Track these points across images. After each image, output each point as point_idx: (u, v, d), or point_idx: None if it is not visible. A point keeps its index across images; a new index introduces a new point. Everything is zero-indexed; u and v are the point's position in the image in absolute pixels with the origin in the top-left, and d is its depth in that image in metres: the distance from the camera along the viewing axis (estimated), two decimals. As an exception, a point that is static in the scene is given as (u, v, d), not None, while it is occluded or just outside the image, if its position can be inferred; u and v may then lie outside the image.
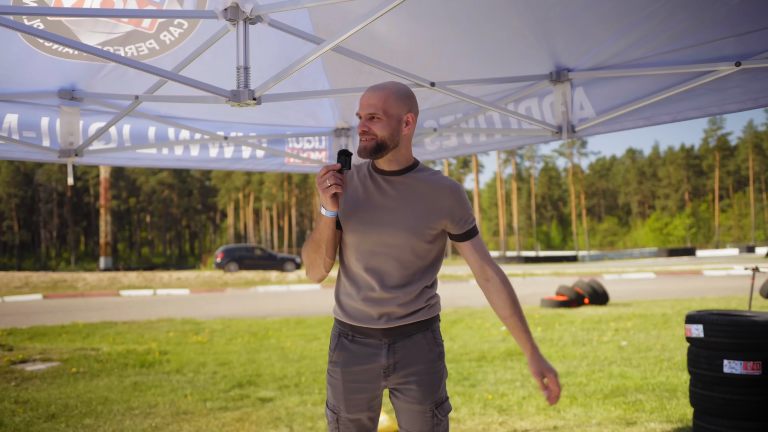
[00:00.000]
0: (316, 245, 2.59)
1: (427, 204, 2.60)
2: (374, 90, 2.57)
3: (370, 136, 2.52)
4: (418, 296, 2.62)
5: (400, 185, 2.62)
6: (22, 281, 29.84)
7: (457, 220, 2.63)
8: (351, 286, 2.65)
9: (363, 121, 2.53)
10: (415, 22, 3.84)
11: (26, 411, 6.52)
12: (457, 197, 2.63)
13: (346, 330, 2.69)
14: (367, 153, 2.53)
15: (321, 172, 2.43)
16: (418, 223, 2.57)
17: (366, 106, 2.53)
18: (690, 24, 3.29)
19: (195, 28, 3.77)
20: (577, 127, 4.15)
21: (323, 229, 2.56)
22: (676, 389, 6.91)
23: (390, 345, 2.62)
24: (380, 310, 2.59)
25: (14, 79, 4.01)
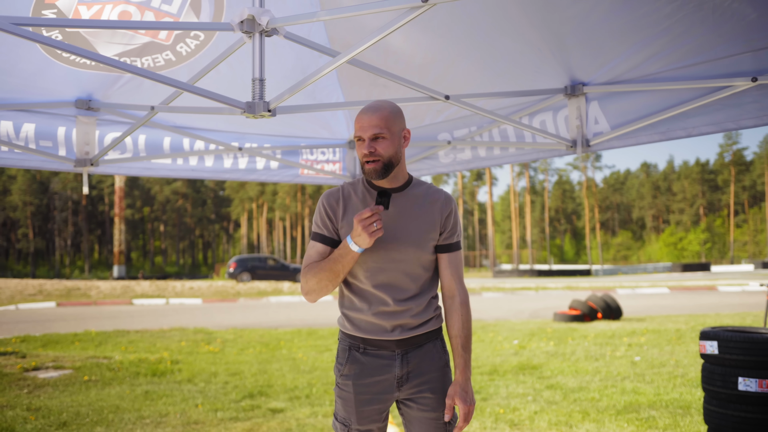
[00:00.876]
0: (335, 276, 2.60)
1: (426, 216, 2.69)
2: (373, 111, 2.59)
3: (376, 157, 2.56)
4: (427, 306, 2.71)
5: (400, 202, 2.68)
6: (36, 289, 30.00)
7: (445, 230, 2.72)
8: (361, 301, 2.69)
9: (367, 143, 2.55)
10: (429, 35, 3.85)
11: (38, 418, 6.54)
12: (450, 209, 2.74)
13: (357, 343, 2.71)
14: (377, 175, 2.58)
15: (366, 214, 2.45)
16: (421, 236, 2.66)
17: (369, 127, 2.56)
18: (706, 39, 3.28)
19: (211, 40, 3.80)
20: (592, 141, 4.14)
21: (348, 264, 2.57)
22: (690, 406, 6.85)
23: (403, 355, 2.68)
24: (394, 322, 2.65)
25: (32, 89, 4.05)
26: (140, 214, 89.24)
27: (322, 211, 2.74)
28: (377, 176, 2.58)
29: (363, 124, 2.57)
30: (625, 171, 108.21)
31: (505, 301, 24.80)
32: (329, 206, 2.72)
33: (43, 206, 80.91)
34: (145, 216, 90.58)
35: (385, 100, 2.66)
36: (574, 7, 3.28)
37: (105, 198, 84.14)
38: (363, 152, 2.57)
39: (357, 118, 2.61)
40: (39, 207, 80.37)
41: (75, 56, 3.66)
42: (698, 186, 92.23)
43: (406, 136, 2.68)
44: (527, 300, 25.38)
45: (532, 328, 14.62)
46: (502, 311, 19.88)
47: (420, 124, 4.93)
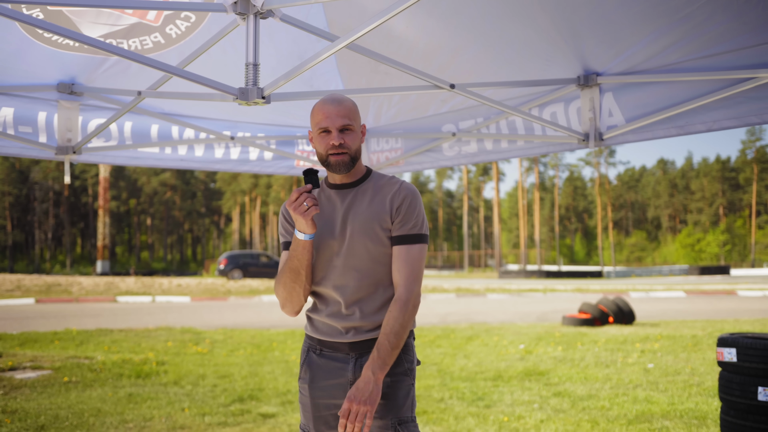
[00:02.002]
0: (295, 274, 2.66)
1: (377, 205, 2.69)
2: (338, 102, 2.65)
3: (344, 150, 2.62)
4: (383, 308, 2.68)
5: (354, 195, 2.73)
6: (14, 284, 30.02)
7: (399, 219, 2.68)
8: (319, 302, 2.77)
9: (336, 134, 2.59)
10: (434, 20, 3.84)
11: (14, 422, 6.55)
12: (403, 196, 2.70)
13: (314, 344, 2.81)
14: (345, 168, 2.64)
15: (293, 197, 2.51)
16: (367, 223, 2.66)
17: (337, 117, 2.61)
18: (730, 27, 3.27)
19: (203, 21, 3.79)
20: (606, 135, 4.13)
21: (302, 255, 2.62)
22: (706, 417, 6.85)
23: (357, 359, 2.70)
24: (346, 324, 2.68)
25: (11, 71, 4.04)
26: (126, 206, 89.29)
27: (283, 219, 2.84)
28: (344, 169, 2.64)
29: (329, 114, 2.61)
30: (641, 167, 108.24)
31: (511, 304, 24.82)
32: (288, 213, 2.81)
33: (23, 197, 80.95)
34: (131, 208, 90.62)
35: (340, 94, 2.75)
36: (588, -9, 3.28)
37: (88, 189, 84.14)
38: (331, 143, 2.61)
39: (318, 109, 2.65)
40: (18, 197, 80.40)
41: (57, 36, 3.65)
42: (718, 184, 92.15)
43: (364, 132, 2.77)
44: (534, 302, 25.39)
45: (540, 332, 14.63)
46: (507, 314, 19.90)
47: (423, 115, 4.93)
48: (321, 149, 2.65)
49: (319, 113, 2.63)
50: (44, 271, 66.73)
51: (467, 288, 34.71)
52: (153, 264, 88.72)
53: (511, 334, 14.42)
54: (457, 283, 41.20)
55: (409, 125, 5.07)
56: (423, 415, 6.88)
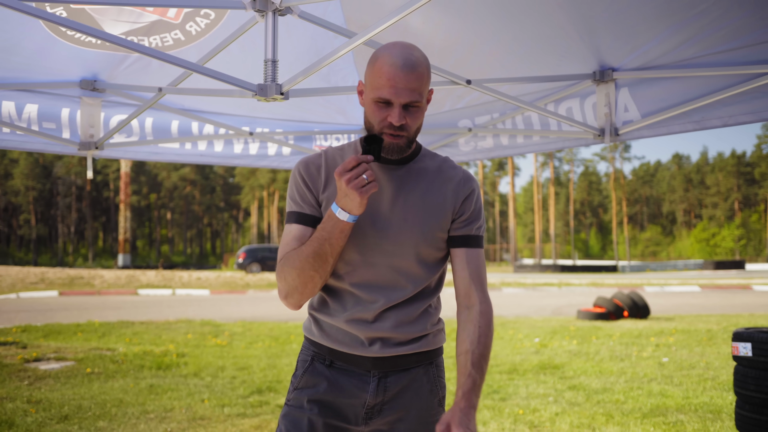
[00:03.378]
0: (321, 261, 2.02)
1: (437, 194, 2.16)
2: (412, 65, 1.99)
3: (404, 132, 2.03)
4: (421, 317, 2.18)
5: (403, 176, 2.15)
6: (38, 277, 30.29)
7: (462, 218, 2.18)
8: (334, 302, 2.16)
9: (398, 112, 1.98)
10: (451, 16, 3.83)
11: (38, 411, 6.61)
12: (470, 190, 2.19)
13: (322, 354, 2.20)
14: (400, 153, 2.07)
15: (349, 163, 1.91)
16: (424, 220, 2.13)
17: (405, 90, 1.97)
18: (746, 22, 3.24)
19: (222, 18, 3.80)
20: (621, 130, 4.11)
21: (338, 239, 2.01)
22: (721, 411, 6.81)
23: (381, 379, 2.15)
24: (371, 333, 2.12)
25: (35, 68, 4.07)
26: (146, 200, 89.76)
27: (299, 181, 2.16)
28: (399, 154, 2.07)
29: (396, 83, 1.96)
30: (656, 162, 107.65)
31: (526, 297, 24.77)
32: (308, 175, 2.16)
33: (46, 191, 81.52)
34: (151, 203, 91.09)
35: (416, 48, 2.06)
36: (604, -13, 3.26)
37: (110, 183, 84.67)
38: (389, 121, 2.00)
39: (382, 68, 1.98)
40: (42, 192, 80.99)
41: (80, 34, 3.67)
42: (733, 179, 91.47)
43: (429, 98, 2.13)
44: (549, 296, 25.32)
45: (554, 326, 14.59)
46: (522, 308, 19.85)
47: (440, 110, 4.91)
48: (374, 120, 2.03)
49: (382, 75, 1.97)
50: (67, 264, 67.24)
51: (483, 282, 34.60)
52: (173, 257, 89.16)
53: (527, 327, 14.39)
54: (473, 277, 41.07)
55: (425, 120, 5.04)
56: (439, 408, 6.87)
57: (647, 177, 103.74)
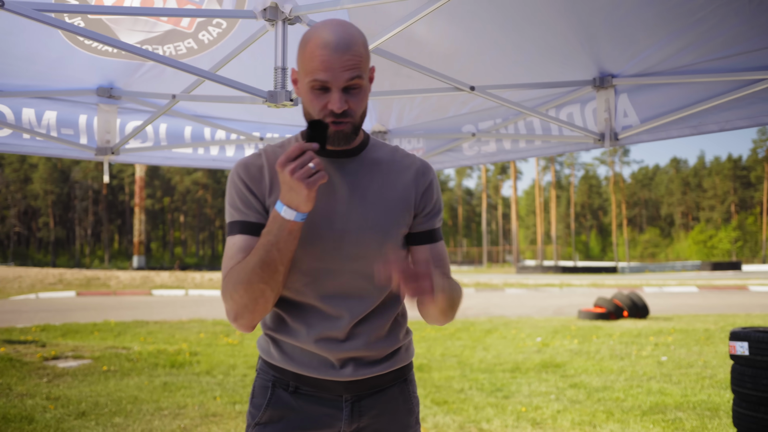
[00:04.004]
0: (270, 271, 1.67)
1: (395, 191, 1.86)
2: (346, 44, 1.68)
3: (348, 118, 1.73)
4: (393, 330, 1.89)
5: (356, 169, 1.85)
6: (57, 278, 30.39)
7: (424, 212, 1.91)
8: (295, 320, 1.82)
9: (339, 96, 1.68)
10: (455, 24, 3.83)
11: (57, 407, 6.62)
12: (429, 180, 1.92)
13: (285, 379, 1.86)
14: (347, 141, 1.76)
15: (294, 152, 1.60)
16: (389, 218, 1.84)
17: (342, 72, 1.68)
18: (741, 30, 3.23)
19: (233, 28, 3.80)
20: (621, 135, 4.10)
21: (286, 243, 1.67)
22: (719, 408, 6.79)
23: (354, 403, 1.85)
24: (343, 354, 1.80)
25: (54, 77, 4.08)
26: (160, 204, 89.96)
27: (239, 186, 1.81)
28: (346, 143, 1.76)
29: (333, 65, 1.67)
30: (654, 166, 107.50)
31: (529, 298, 24.73)
32: (249, 178, 1.82)
33: (64, 195, 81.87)
34: (165, 206, 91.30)
35: (350, 24, 1.76)
36: (604, -4, 3.25)
37: (125, 188, 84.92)
38: (330, 108, 1.69)
39: (313, 51, 1.68)
40: (60, 196, 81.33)
41: (97, 43, 3.68)
42: (730, 182, 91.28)
43: (372, 77, 1.83)
44: (551, 297, 25.28)
45: (556, 326, 14.57)
46: (525, 308, 19.82)
47: (444, 116, 4.91)
48: (312, 110, 1.72)
49: (315, 58, 1.68)
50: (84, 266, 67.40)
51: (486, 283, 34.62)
52: (186, 259, 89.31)
53: (529, 327, 14.37)
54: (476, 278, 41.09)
55: (430, 126, 5.06)
56: (444, 405, 6.87)
57: (646, 180, 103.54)
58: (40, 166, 77.90)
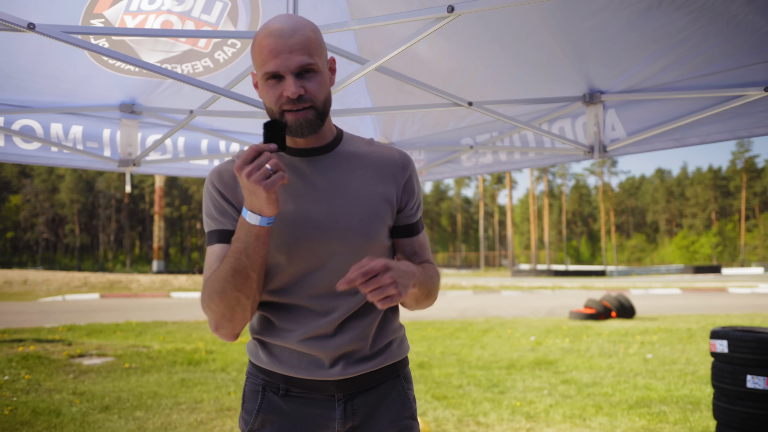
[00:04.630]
0: (242, 278, 1.56)
1: (376, 185, 1.73)
2: (291, 29, 1.57)
3: (306, 104, 1.58)
4: (383, 325, 1.75)
5: (332, 166, 1.71)
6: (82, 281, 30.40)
7: (407, 206, 1.78)
8: (282, 320, 1.69)
9: (292, 81, 1.55)
10: (454, 44, 3.83)
11: (83, 402, 6.62)
12: (409, 172, 1.79)
13: (275, 382, 1.73)
14: (311, 129, 1.61)
15: (249, 155, 1.45)
16: (372, 216, 1.70)
17: (291, 56, 1.55)
18: (721, 50, 3.24)
19: (247, 47, 3.82)
20: (609, 147, 4.10)
21: (255, 249, 1.54)
22: (700, 402, 6.76)
23: (347, 402, 1.71)
24: (333, 352, 1.67)
25: (80, 94, 4.10)
26: (178, 212, 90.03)
27: (214, 194, 1.69)
28: (310, 130, 1.61)
29: (278, 50, 1.54)
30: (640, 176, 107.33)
31: (523, 300, 24.68)
32: (224, 186, 1.69)
33: (89, 204, 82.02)
34: (182, 214, 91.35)
35: (294, 15, 1.68)
36: (592, 18, 3.26)
37: (146, 197, 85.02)
38: (285, 95, 1.56)
39: (259, 44, 1.58)
40: (85, 204, 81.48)
41: (120, 63, 3.70)
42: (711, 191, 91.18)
43: (333, 68, 1.70)
44: (544, 298, 25.22)
45: (549, 326, 14.54)
46: (519, 309, 19.78)
47: (444, 129, 4.92)
48: (270, 103, 1.59)
49: (263, 50, 1.56)
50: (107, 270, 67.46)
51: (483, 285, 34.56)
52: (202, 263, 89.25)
53: (523, 327, 14.34)
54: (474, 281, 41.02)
55: (431, 139, 5.07)
56: (443, 400, 6.85)
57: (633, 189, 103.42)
58: (67, 177, 78.05)
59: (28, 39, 3.31)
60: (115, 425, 5.80)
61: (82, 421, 5.90)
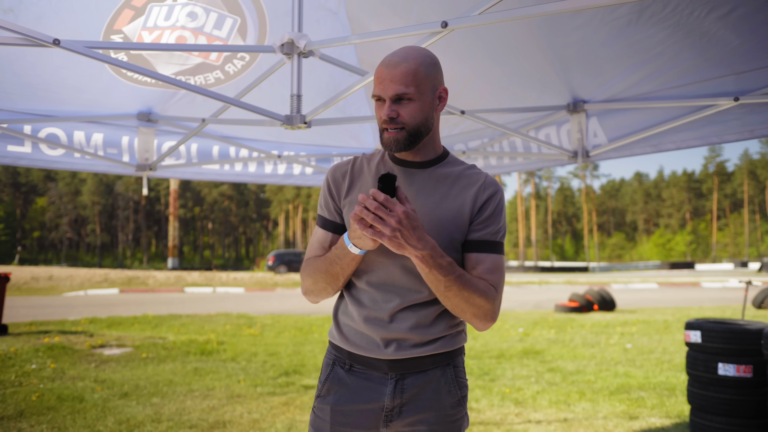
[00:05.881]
0: (332, 278, 1.81)
1: (455, 199, 1.80)
2: (397, 62, 1.72)
3: (399, 126, 1.72)
4: (438, 319, 1.81)
5: (423, 180, 1.82)
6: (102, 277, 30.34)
7: (482, 220, 1.79)
8: (353, 303, 1.85)
9: (388, 105, 1.71)
10: (448, 57, 3.83)
11: (104, 389, 6.62)
12: (490, 194, 1.81)
13: (342, 357, 1.89)
14: (398, 146, 1.73)
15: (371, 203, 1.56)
16: (441, 221, 1.77)
17: (390, 83, 1.70)
18: (694, 63, 3.24)
19: (255, 60, 3.82)
20: (591, 153, 4.10)
21: (347, 266, 1.77)
22: (675, 388, 6.77)
23: (398, 381, 1.81)
24: (387, 335, 1.79)
25: (101, 104, 4.10)
26: (191, 213, 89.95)
27: (325, 187, 1.92)
28: (398, 148, 1.73)
29: (384, 77, 1.71)
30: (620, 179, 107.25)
31: (512, 294, 24.68)
32: (333, 181, 1.90)
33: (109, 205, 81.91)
34: (195, 215, 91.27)
35: (414, 47, 1.78)
36: (576, 33, 3.26)
37: (161, 199, 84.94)
38: (382, 117, 1.72)
39: (377, 71, 1.74)
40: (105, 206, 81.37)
41: (138, 75, 3.70)
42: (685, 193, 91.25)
43: (443, 96, 1.79)
44: (531, 293, 25.22)
45: (536, 318, 14.53)
46: (509, 302, 19.78)
47: (438, 136, 4.92)
48: (377, 119, 1.76)
49: (375, 77, 1.74)
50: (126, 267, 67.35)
51: (474, 280, 34.46)
52: (213, 261, 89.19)
53: (512, 319, 14.33)
54: (466, 277, 40.93)
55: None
56: (438, 386, 6.85)
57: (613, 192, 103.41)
58: (89, 180, 77.97)
59: (53, 54, 3.31)
60: (134, 410, 5.80)
61: (103, 407, 5.89)
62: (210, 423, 5.42)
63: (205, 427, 5.31)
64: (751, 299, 17.30)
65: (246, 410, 5.86)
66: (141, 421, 5.45)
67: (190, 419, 5.53)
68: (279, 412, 5.78)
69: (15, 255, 66.24)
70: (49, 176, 79.54)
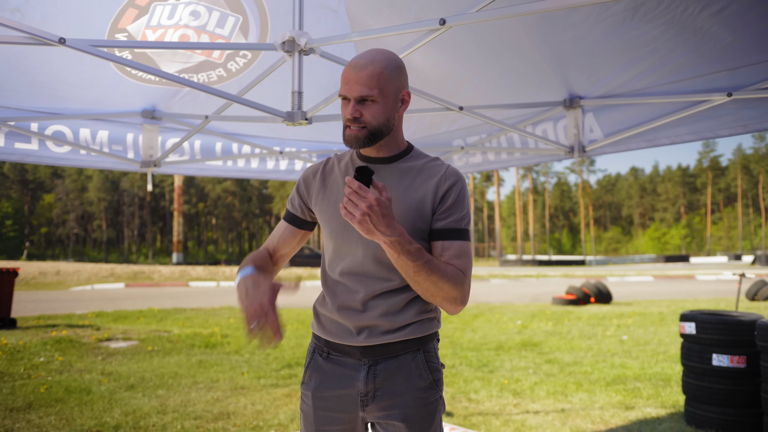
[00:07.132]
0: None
1: (416, 193, 1.85)
2: (363, 64, 1.78)
3: (361, 125, 1.78)
4: (407, 307, 1.85)
5: (388, 174, 1.88)
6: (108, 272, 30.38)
7: (441, 210, 1.84)
8: (328, 294, 1.94)
9: (352, 105, 1.78)
10: (446, 54, 3.83)
11: (110, 381, 6.63)
12: (450, 184, 1.86)
13: (321, 345, 1.97)
14: (358, 143, 1.80)
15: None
16: (404, 212, 1.83)
17: (355, 85, 1.77)
18: (688, 59, 3.24)
19: (257, 58, 3.81)
20: (587, 148, 4.10)
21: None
22: (670, 379, 6.78)
23: (370, 367, 1.87)
24: (358, 323, 1.85)
25: (106, 102, 4.09)
26: (195, 209, 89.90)
27: (297, 184, 2.05)
28: (358, 145, 1.80)
29: (348, 80, 1.78)
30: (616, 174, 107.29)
31: (510, 287, 24.70)
32: (304, 179, 2.02)
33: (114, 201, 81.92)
34: (199, 210, 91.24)
35: (381, 50, 1.83)
36: (572, 30, 3.26)
37: (166, 195, 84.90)
38: (346, 115, 1.79)
39: (344, 70, 1.80)
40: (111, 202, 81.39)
41: (142, 73, 3.70)
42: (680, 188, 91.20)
43: (405, 99, 1.86)
44: (529, 286, 25.23)
45: (533, 311, 14.54)
46: (507, 295, 19.80)
47: (437, 132, 4.92)
48: (342, 117, 1.83)
49: (342, 76, 1.81)
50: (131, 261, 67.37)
51: (474, 274, 34.53)
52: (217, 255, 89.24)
53: (510, 312, 14.35)
54: (465, 270, 40.93)
55: (425, 141, 5.07)
56: (438, 378, 6.86)
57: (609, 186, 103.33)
58: (95, 177, 77.96)
59: (59, 52, 3.31)
60: (140, 402, 5.81)
61: (110, 399, 5.91)
62: (214, 414, 5.44)
63: (210, 418, 5.32)
64: (744, 291, 17.33)
65: (249, 402, 5.87)
66: (147, 412, 5.46)
67: (195, 411, 5.55)
68: (282, 404, 5.79)
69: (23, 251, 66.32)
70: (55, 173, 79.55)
